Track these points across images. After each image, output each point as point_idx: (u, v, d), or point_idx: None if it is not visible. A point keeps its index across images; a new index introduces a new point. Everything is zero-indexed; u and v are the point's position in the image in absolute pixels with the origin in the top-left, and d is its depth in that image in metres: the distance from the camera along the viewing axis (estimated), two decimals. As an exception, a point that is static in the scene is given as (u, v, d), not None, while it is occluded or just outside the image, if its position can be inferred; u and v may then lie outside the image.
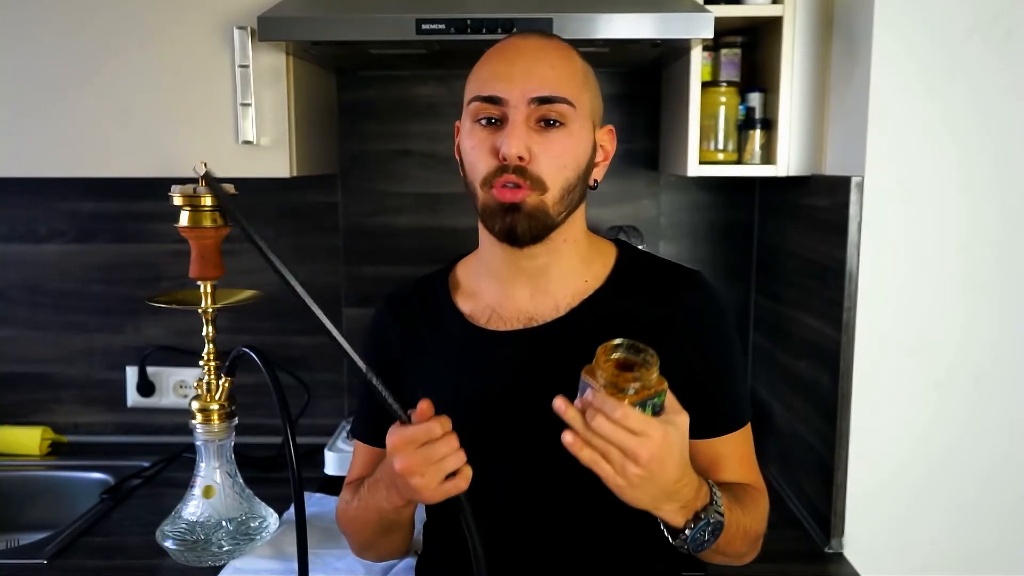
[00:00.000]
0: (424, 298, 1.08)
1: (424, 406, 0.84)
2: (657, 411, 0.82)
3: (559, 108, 0.92)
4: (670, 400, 0.83)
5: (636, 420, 0.78)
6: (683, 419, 0.84)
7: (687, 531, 0.86)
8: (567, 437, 0.80)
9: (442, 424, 0.84)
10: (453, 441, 0.84)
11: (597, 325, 0.98)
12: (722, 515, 0.88)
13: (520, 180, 0.91)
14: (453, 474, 0.85)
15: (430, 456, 0.83)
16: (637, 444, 0.78)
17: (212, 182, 0.78)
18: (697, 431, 0.96)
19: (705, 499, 0.88)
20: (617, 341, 0.82)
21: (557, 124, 0.92)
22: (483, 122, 0.94)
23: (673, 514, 0.86)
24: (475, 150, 0.94)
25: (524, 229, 0.93)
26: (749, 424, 1.04)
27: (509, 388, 0.97)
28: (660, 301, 1.00)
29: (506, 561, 0.95)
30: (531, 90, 0.91)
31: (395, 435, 0.85)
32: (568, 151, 0.93)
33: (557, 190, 0.93)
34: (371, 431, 1.08)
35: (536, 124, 0.92)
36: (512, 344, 0.99)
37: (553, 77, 0.92)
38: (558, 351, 0.97)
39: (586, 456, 0.80)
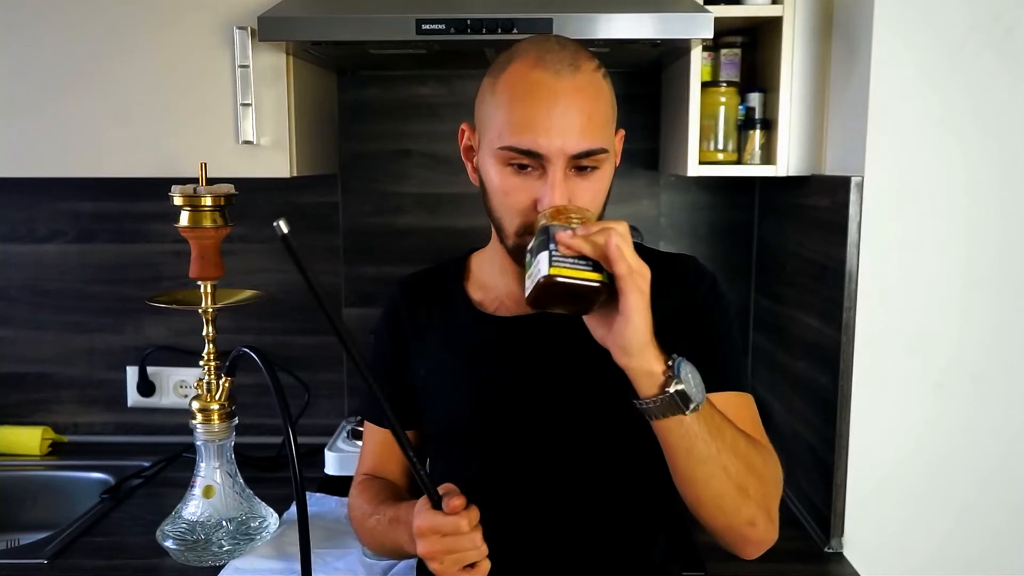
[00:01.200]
0: (438, 284, 1.10)
1: (458, 502, 0.85)
2: None
3: (596, 158, 0.91)
4: None
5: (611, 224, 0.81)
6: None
7: (671, 368, 0.82)
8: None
9: (470, 520, 0.84)
10: (477, 538, 0.85)
11: None
12: (702, 383, 0.84)
13: None
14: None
15: (453, 548, 0.85)
16: (612, 234, 0.80)
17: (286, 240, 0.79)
18: None
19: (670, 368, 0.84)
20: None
21: (591, 170, 0.92)
22: (514, 165, 0.91)
23: (655, 356, 0.82)
24: (509, 196, 0.92)
25: None
26: (752, 400, 1.00)
27: (512, 370, 1.00)
28: (657, 287, 0.99)
29: (508, 543, 0.95)
30: (572, 146, 0.89)
31: (424, 520, 0.86)
32: (601, 192, 0.94)
33: None
34: (381, 411, 1.09)
35: (571, 170, 0.91)
36: (513, 328, 1.01)
37: (591, 128, 0.90)
38: (561, 335, 0.98)
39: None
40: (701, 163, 1.41)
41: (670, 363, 0.82)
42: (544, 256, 0.81)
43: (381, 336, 1.11)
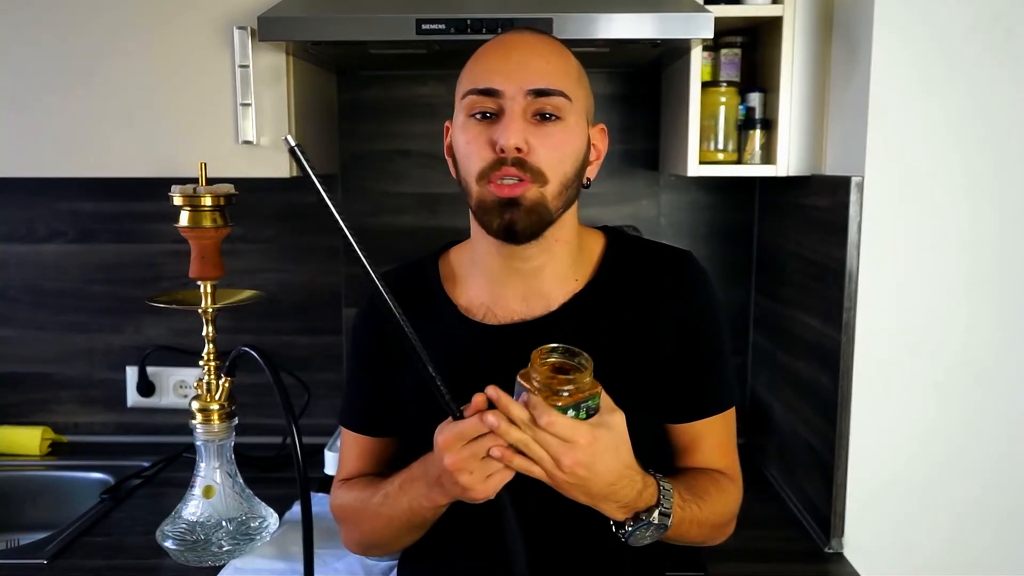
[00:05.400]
0: (414, 286, 1.05)
1: (479, 399, 0.83)
2: (591, 413, 0.83)
3: (556, 101, 0.91)
4: (605, 400, 0.85)
5: (563, 426, 0.80)
6: (618, 418, 0.85)
7: (627, 527, 0.88)
8: (495, 452, 0.81)
9: (495, 416, 0.82)
10: (500, 437, 0.83)
11: (590, 317, 0.99)
12: (668, 516, 0.89)
13: (520, 173, 0.89)
14: None
15: (479, 452, 0.82)
16: (561, 450, 0.80)
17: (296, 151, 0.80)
18: (682, 414, 1.00)
19: (650, 500, 0.88)
20: (552, 345, 0.84)
21: (554, 118, 0.91)
22: (478, 116, 0.92)
23: (612, 511, 0.88)
24: (470, 144, 0.92)
25: (524, 225, 0.91)
26: (733, 409, 1.04)
27: (500, 381, 0.97)
28: (650, 287, 1.00)
29: (495, 549, 0.95)
30: (527, 82, 0.90)
31: (445, 432, 0.84)
32: (566, 143, 0.92)
33: (556, 183, 0.92)
34: (364, 419, 1.07)
35: (533, 118, 0.91)
36: (507, 337, 0.99)
37: (549, 70, 0.91)
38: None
39: (518, 464, 0.82)
40: (701, 163, 1.41)
41: (629, 523, 0.89)
42: None
43: (360, 340, 1.07)
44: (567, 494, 0.85)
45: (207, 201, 1.24)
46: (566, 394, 0.81)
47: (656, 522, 0.88)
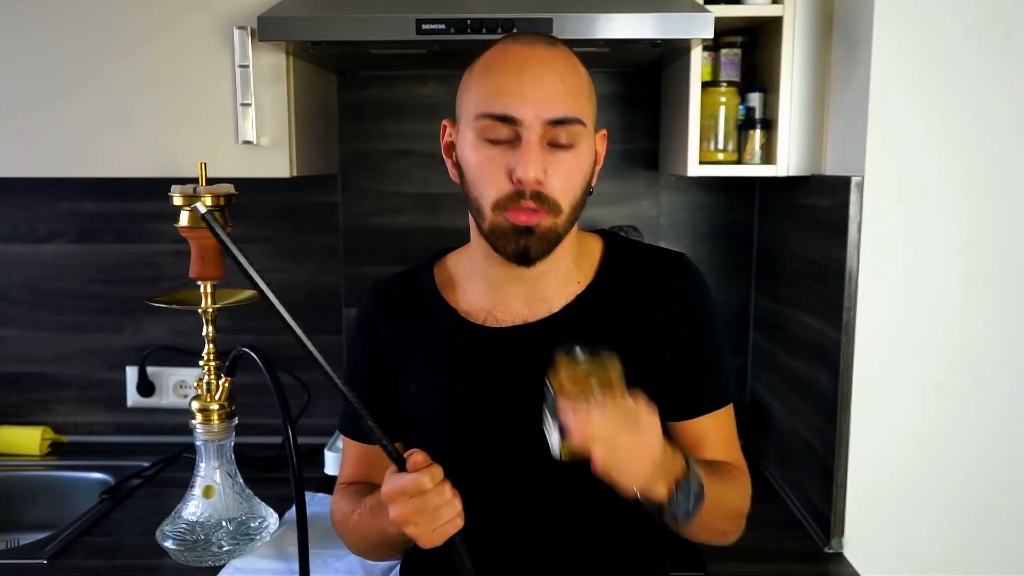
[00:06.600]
0: (411, 293, 1.06)
1: (419, 457, 0.84)
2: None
3: (572, 129, 0.90)
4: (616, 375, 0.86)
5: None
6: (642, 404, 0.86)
7: (673, 497, 0.88)
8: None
9: (432, 475, 0.83)
10: (445, 491, 0.84)
11: (591, 318, 1.00)
12: (701, 481, 0.89)
13: (537, 205, 0.90)
14: None
15: (423, 508, 0.83)
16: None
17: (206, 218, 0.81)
18: (685, 411, 1.01)
19: (682, 465, 0.89)
20: (575, 349, 0.85)
21: (568, 145, 0.91)
22: (490, 139, 0.91)
23: (661, 491, 0.87)
24: (484, 168, 0.92)
25: (538, 251, 0.93)
26: (732, 408, 1.06)
27: (506, 383, 0.98)
28: (648, 290, 1.02)
29: (498, 552, 0.95)
30: (546, 111, 0.89)
31: (388, 485, 0.86)
32: (577, 171, 0.93)
33: (568, 210, 0.93)
34: (360, 428, 1.08)
35: (546, 144, 0.91)
36: (510, 339, 0.99)
37: (565, 94, 0.90)
38: (554, 346, 0.97)
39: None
40: (701, 163, 1.41)
41: (668, 501, 0.88)
42: (555, 437, 0.84)
43: (357, 350, 1.08)
44: (624, 480, 0.84)
45: (207, 201, 1.24)
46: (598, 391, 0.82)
47: (695, 485, 0.88)
